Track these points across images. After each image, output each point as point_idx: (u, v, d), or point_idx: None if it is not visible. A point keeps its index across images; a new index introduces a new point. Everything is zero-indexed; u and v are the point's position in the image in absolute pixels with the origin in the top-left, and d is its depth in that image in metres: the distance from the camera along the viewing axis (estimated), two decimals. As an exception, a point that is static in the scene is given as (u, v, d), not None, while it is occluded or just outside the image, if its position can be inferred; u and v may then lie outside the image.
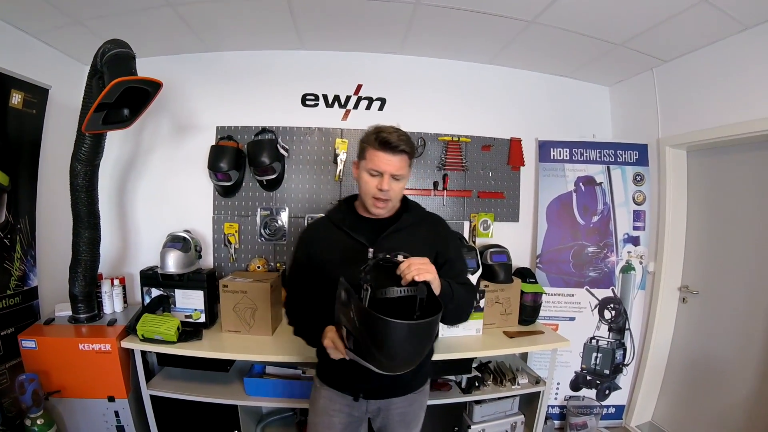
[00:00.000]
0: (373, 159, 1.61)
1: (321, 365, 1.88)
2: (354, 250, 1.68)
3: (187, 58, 3.24)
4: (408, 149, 1.63)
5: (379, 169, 1.61)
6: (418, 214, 1.82)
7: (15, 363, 2.57)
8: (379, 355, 1.32)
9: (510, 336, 2.91)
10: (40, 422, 2.40)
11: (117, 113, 2.26)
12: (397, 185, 1.66)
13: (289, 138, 3.25)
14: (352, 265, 1.56)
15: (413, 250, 1.58)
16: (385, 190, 1.61)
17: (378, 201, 1.66)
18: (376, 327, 1.28)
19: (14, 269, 2.63)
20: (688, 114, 3.04)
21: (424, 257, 1.48)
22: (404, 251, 1.55)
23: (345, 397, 1.78)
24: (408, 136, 1.65)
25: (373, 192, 1.64)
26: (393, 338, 1.29)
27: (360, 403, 1.78)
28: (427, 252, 1.67)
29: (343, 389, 1.78)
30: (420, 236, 1.76)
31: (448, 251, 1.82)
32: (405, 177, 1.69)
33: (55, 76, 2.85)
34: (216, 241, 3.29)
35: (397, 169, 1.62)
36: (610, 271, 3.45)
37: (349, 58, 3.31)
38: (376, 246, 1.67)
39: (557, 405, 3.51)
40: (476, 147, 3.46)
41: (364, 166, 1.66)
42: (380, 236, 1.70)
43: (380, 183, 1.61)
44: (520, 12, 2.56)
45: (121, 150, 3.23)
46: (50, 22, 2.63)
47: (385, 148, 1.59)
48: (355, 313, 1.32)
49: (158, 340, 2.54)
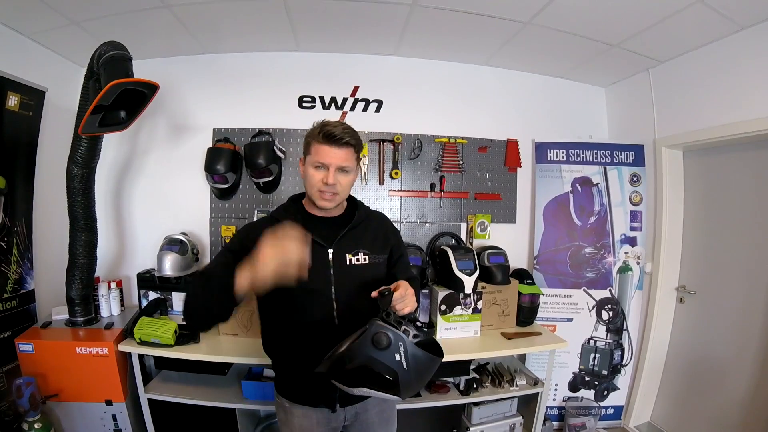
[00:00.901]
0: (318, 152, 1.57)
1: (285, 383, 1.77)
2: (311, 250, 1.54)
3: (183, 59, 3.24)
4: (353, 142, 1.60)
5: (324, 162, 1.57)
6: (365, 211, 1.82)
7: (12, 367, 2.56)
8: (417, 386, 1.48)
9: (508, 337, 2.91)
10: (37, 426, 2.40)
11: (114, 115, 2.25)
12: (345, 179, 1.62)
13: (286, 140, 3.24)
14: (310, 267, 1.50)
15: (372, 247, 1.71)
16: (331, 183, 1.57)
17: (324, 193, 1.60)
18: (425, 365, 1.42)
19: (11, 272, 2.63)
20: (684, 114, 3.05)
21: (402, 285, 1.50)
22: (362, 249, 1.67)
23: (321, 411, 1.71)
24: (353, 130, 1.62)
25: (318, 185, 1.59)
26: (432, 370, 1.47)
27: (338, 412, 1.73)
28: (384, 248, 1.78)
29: (316, 403, 1.70)
30: (372, 233, 1.77)
31: (400, 247, 1.90)
32: (352, 170, 1.65)
33: (51, 78, 2.85)
34: (213, 243, 3.28)
35: (343, 161, 1.58)
36: (608, 271, 3.46)
37: (345, 59, 3.32)
38: (336, 245, 1.65)
39: (556, 406, 3.51)
40: (473, 148, 3.47)
41: (309, 160, 1.62)
42: (338, 234, 1.66)
43: (326, 176, 1.57)
44: (516, 13, 2.57)
45: (118, 152, 3.22)
46: (46, 23, 2.62)
47: (330, 141, 1.55)
48: (404, 355, 1.36)
49: (155, 343, 2.54)
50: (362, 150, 1.71)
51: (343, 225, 1.70)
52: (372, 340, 1.35)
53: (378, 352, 1.34)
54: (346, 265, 1.66)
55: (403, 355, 1.36)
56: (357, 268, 1.68)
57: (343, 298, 1.63)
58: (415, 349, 1.39)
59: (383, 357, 1.35)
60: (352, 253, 1.67)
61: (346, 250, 1.67)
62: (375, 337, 1.35)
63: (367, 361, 1.35)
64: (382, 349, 1.35)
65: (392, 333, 1.36)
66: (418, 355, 1.39)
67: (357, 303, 1.61)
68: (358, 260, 1.68)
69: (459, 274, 2.83)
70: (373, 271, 1.72)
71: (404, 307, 1.46)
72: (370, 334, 1.35)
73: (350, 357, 1.36)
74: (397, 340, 1.36)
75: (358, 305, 1.60)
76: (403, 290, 1.48)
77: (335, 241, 1.66)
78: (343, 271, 1.65)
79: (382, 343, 1.35)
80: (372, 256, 1.71)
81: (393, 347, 1.35)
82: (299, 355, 1.65)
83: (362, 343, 1.35)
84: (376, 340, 1.35)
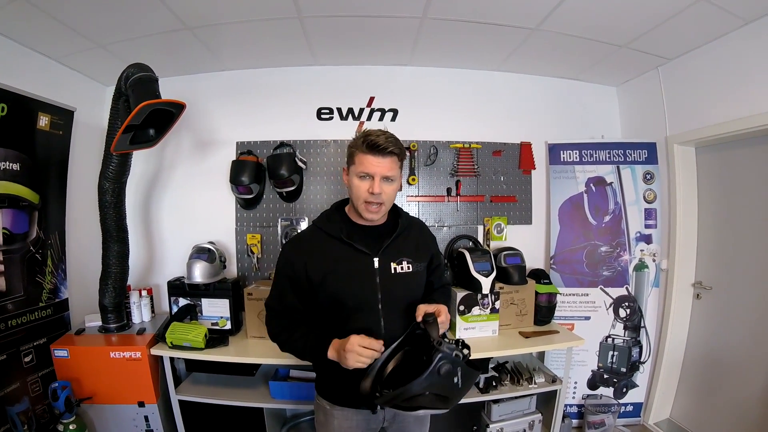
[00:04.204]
0: (363, 162, 1.58)
1: (326, 384, 1.79)
2: (356, 260, 1.66)
3: (205, 76, 3.34)
4: (397, 150, 1.60)
5: (369, 172, 1.58)
6: (407, 219, 1.83)
7: (47, 372, 2.68)
8: (461, 397, 1.57)
9: (526, 336, 2.96)
10: (72, 427, 2.51)
11: (143, 133, 2.37)
12: (389, 187, 1.62)
13: (306, 151, 3.32)
14: (356, 276, 1.64)
15: (415, 255, 1.75)
16: (377, 193, 1.58)
17: (370, 205, 1.62)
18: (472, 380, 1.56)
19: (46, 282, 2.75)
20: (694, 110, 3.05)
21: (443, 311, 1.60)
22: (406, 257, 1.72)
23: (361, 413, 1.72)
24: (396, 138, 1.63)
25: (365, 196, 1.60)
26: (474, 382, 1.62)
27: (377, 413, 1.73)
28: (425, 255, 1.82)
29: (358, 405, 1.70)
30: (414, 241, 1.80)
31: (438, 255, 1.96)
32: (396, 179, 1.65)
33: (78, 98, 2.97)
34: (239, 251, 3.37)
35: (388, 170, 1.59)
36: (624, 269, 3.47)
37: (360, 71, 3.39)
38: (381, 254, 1.67)
39: (575, 404, 3.53)
40: (487, 153, 3.52)
41: (353, 171, 1.62)
42: (383, 243, 1.69)
43: (371, 186, 1.58)
44: (523, 21, 2.62)
45: (146, 166, 3.33)
46: (73, 46, 2.75)
47: (374, 151, 1.56)
48: (461, 377, 1.48)
49: (187, 347, 2.63)
50: (405, 157, 1.73)
51: (386, 233, 1.73)
52: (439, 371, 1.43)
53: (441, 379, 1.44)
54: (391, 274, 1.68)
55: (460, 377, 1.48)
56: (402, 276, 1.70)
57: (388, 306, 1.66)
58: (467, 369, 1.50)
59: (445, 381, 1.45)
60: (396, 262, 1.70)
61: (391, 259, 1.69)
62: (442, 369, 1.43)
63: (433, 388, 1.45)
64: (446, 376, 1.44)
65: (453, 361, 1.45)
66: (468, 373, 1.51)
67: (402, 311, 1.67)
68: (402, 269, 1.71)
69: (476, 275, 2.89)
70: (416, 279, 1.76)
71: (444, 327, 1.58)
72: (435, 367, 1.42)
73: (416, 389, 1.43)
74: (456, 366, 1.45)
75: (403, 313, 1.66)
76: (444, 316, 1.58)
77: (381, 250, 1.68)
78: (388, 279, 1.67)
79: (447, 372, 1.44)
80: (415, 264, 1.74)
81: (453, 372, 1.45)
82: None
83: (429, 375, 1.42)
84: (444, 371, 1.43)
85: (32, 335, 2.64)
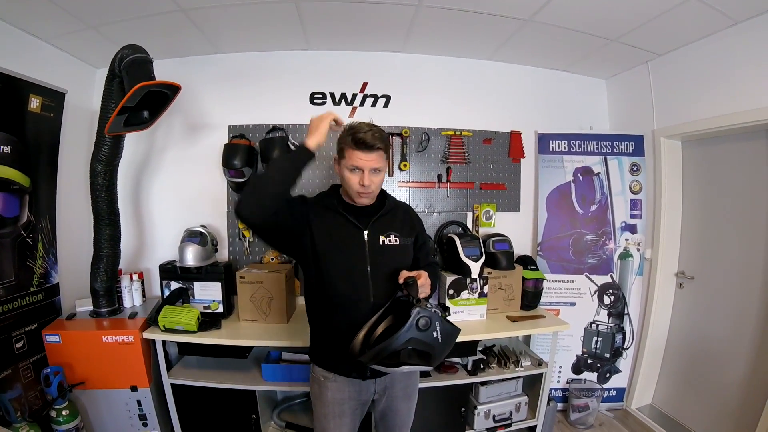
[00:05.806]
0: (352, 157, 1.74)
1: (321, 353, 1.92)
2: (348, 231, 1.83)
3: (198, 59, 3.30)
4: (382, 145, 1.78)
5: (358, 166, 1.74)
6: (393, 201, 2.01)
7: (38, 358, 2.66)
8: (444, 355, 1.71)
9: (513, 320, 3.02)
10: (65, 413, 2.51)
11: (137, 115, 2.36)
12: (378, 177, 1.80)
13: (299, 135, 3.30)
14: (348, 245, 1.82)
15: (401, 230, 1.92)
16: (367, 185, 1.76)
17: (361, 194, 1.80)
18: (452, 336, 1.69)
19: (36, 267, 2.72)
20: (682, 105, 3.11)
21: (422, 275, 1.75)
22: (393, 231, 1.89)
23: (353, 382, 1.87)
24: (381, 132, 1.80)
25: (357, 188, 1.78)
26: (455, 340, 1.71)
27: (368, 384, 1.89)
28: (411, 232, 1.99)
29: (349, 373, 1.84)
30: (400, 219, 1.97)
31: (423, 234, 2.13)
32: (384, 168, 1.84)
33: (69, 80, 2.92)
34: (231, 235, 3.37)
35: (375, 164, 1.76)
36: (609, 258, 3.55)
37: (354, 57, 3.38)
38: (370, 227, 1.85)
39: (560, 388, 3.61)
40: (478, 140, 3.55)
41: (344, 164, 1.79)
42: (371, 220, 1.86)
43: (362, 178, 1.75)
44: (517, 11, 2.64)
45: (136, 149, 3.27)
46: (64, 27, 2.69)
47: (362, 148, 1.72)
48: (439, 331, 1.62)
49: (179, 330, 2.64)
50: (390, 147, 1.90)
51: (375, 212, 1.89)
52: (417, 324, 1.58)
53: (421, 333, 1.58)
54: (379, 245, 1.85)
55: (439, 332, 1.61)
56: (389, 248, 1.87)
57: (377, 275, 1.81)
58: (445, 324, 1.65)
59: (425, 336, 1.60)
60: (384, 235, 1.87)
61: (379, 232, 1.87)
62: (420, 322, 1.58)
63: (413, 343, 1.58)
64: (424, 330, 1.58)
65: (431, 315, 1.59)
66: (447, 328, 1.66)
67: (389, 280, 1.80)
68: (390, 241, 1.87)
69: (466, 260, 2.95)
70: (403, 251, 1.92)
71: (424, 292, 1.72)
72: (414, 320, 1.57)
73: (397, 343, 1.57)
74: (434, 320, 1.60)
75: (391, 282, 1.80)
76: (424, 279, 1.73)
77: (369, 224, 1.86)
78: (377, 250, 1.84)
79: (425, 325, 1.58)
80: (402, 238, 1.91)
81: (432, 327, 1.59)
82: (336, 326, 1.81)
83: (408, 328, 1.56)
84: (422, 325, 1.58)
85: (23, 321, 2.61)
